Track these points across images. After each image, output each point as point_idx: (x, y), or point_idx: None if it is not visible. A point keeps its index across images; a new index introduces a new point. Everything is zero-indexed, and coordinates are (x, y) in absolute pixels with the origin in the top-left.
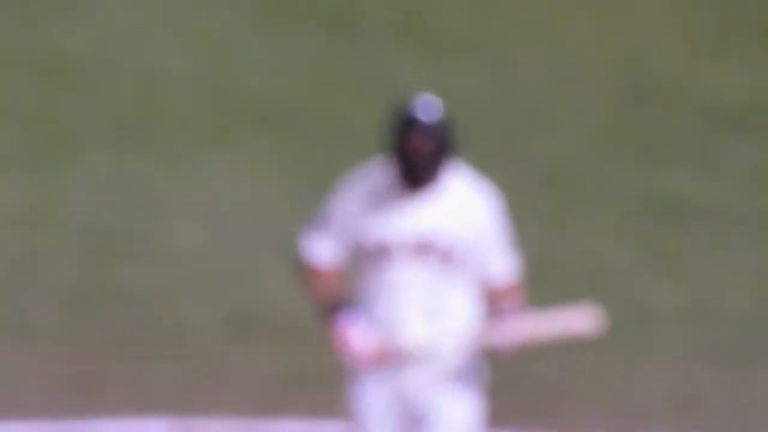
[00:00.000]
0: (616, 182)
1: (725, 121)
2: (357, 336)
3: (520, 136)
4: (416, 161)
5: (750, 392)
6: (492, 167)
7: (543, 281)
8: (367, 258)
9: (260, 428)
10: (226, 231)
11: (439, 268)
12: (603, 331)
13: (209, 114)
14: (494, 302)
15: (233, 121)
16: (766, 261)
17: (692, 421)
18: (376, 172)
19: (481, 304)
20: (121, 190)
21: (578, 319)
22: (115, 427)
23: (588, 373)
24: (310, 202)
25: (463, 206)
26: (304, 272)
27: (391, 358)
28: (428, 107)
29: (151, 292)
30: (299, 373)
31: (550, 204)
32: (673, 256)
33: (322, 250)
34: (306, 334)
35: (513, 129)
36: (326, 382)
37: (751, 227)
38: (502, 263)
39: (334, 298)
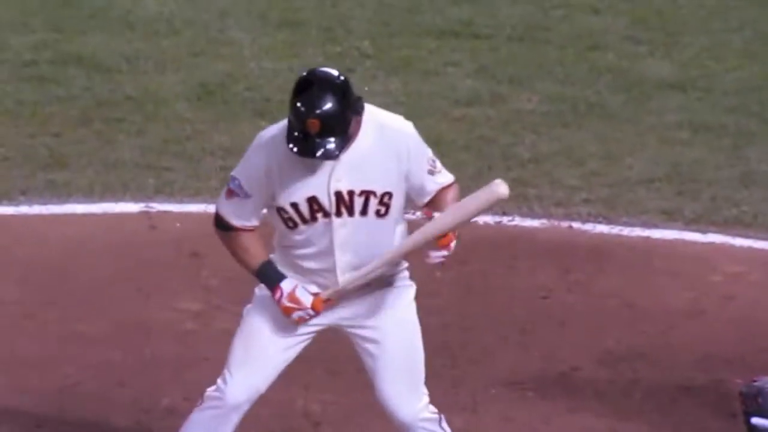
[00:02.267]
0: None
1: None
2: (298, 295)
3: None
4: (310, 135)
5: (739, 164)
6: None
7: (536, 49)
8: (288, 216)
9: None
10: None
11: (369, 219)
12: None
13: None
14: (436, 205)
15: None
16: (758, 37)
17: (677, 190)
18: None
19: (404, 227)
20: None
21: (490, 193)
22: (90, 208)
23: (575, 141)
24: None
25: (381, 151)
26: (227, 237)
27: (333, 302)
28: (322, 84)
29: (118, 62)
30: None
31: None
32: (665, 27)
33: (242, 213)
34: (277, 107)
35: None
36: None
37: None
38: (433, 182)
39: (262, 260)
